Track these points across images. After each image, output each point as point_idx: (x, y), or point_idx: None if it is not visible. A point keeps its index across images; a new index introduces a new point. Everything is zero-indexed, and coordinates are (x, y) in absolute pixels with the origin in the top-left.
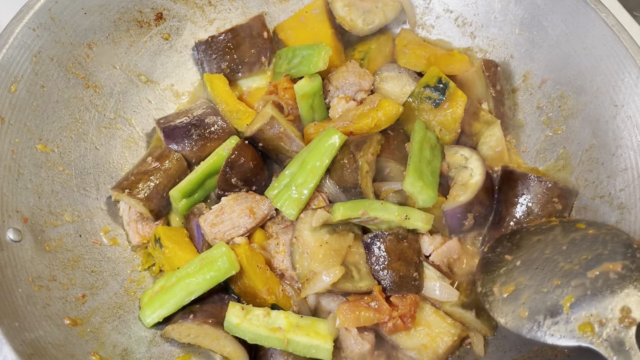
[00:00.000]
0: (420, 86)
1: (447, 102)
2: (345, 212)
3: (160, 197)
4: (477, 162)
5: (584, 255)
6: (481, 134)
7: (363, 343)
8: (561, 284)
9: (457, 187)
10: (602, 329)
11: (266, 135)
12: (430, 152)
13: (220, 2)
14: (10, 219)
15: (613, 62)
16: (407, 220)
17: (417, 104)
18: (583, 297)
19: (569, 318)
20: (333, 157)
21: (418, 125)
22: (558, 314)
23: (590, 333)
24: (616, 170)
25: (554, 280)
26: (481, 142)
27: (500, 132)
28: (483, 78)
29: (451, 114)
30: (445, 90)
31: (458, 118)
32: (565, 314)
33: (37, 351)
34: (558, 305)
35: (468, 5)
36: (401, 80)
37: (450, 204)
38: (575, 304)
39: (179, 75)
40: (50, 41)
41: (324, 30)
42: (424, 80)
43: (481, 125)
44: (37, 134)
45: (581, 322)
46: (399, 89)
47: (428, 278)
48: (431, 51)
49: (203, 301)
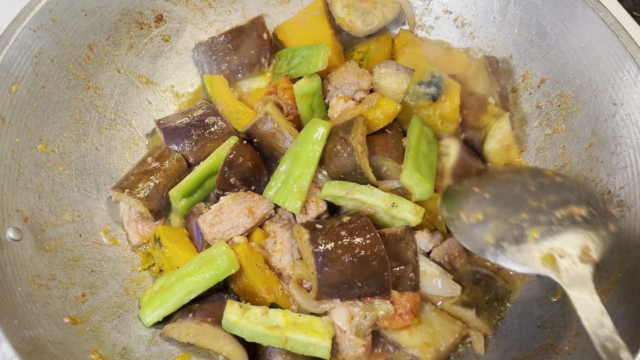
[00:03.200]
0: (413, 84)
1: (444, 94)
2: (329, 189)
3: (160, 197)
4: (454, 147)
5: (552, 198)
6: (490, 126)
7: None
8: (529, 218)
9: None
10: (563, 262)
11: (260, 131)
12: (427, 146)
13: (221, 4)
14: (10, 218)
15: (612, 61)
16: (394, 208)
17: (414, 102)
18: (549, 232)
19: (533, 248)
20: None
21: (415, 120)
22: (523, 243)
23: (552, 265)
24: (616, 168)
25: (522, 214)
26: (489, 135)
27: (508, 125)
28: (487, 74)
29: (450, 105)
30: (440, 83)
31: (456, 107)
32: (530, 244)
33: (37, 349)
34: (524, 234)
35: (467, 6)
36: (399, 77)
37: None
38: (541, 237)
39: (179, 76)
40: (50, 42)
41: (323, 31)
42: (416, 77)
43: (489, 118)
44: (38, 134)
45: (545, 254)
46: (397, 85)
47: (429, 275)
48: (431, 50)
49: (202, 300)
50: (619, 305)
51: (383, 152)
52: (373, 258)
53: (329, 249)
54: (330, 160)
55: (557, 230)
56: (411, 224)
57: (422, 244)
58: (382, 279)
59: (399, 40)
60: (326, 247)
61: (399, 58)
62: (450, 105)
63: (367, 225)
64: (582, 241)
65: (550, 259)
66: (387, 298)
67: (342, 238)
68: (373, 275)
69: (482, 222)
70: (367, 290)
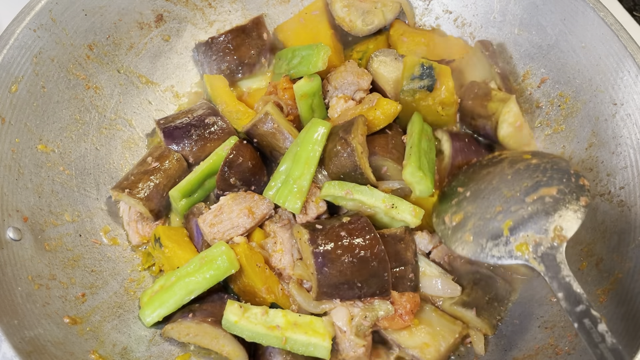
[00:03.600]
0: (406, 80)
1: (438, 81)
2: (329, 190)
3: (160, 197)
4: (446, 144)
5: (525, 183)
6: (499, 112)
7: (358, 347)
8: (502, 210)
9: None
10: (536, 247)
11: (260, 131)
12: (427, 144)
13: (221, 3)
14: (10, 218)
15: (612, 61)
16: (393, 209)
17: (412, 97)
18: (521, 220)
19: (508, 240)
20: (323, 146)
21: (416, 117)
22: (498, 237)
23: (527, 252)
24: (616, 168)
25: (496, 207)
26: (500, 120)
27: (516, 107)
28: (484, 58)
29: (446, 90)
30: (432, 72)
31: (452, 89)
32: (504, 237)
33: (37, 349)
34: (499, 228)
35: (467, 6)
36: (398, 66)
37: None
38: (513, 227)
39: (179, 76)
40: (50, 42)
41: (323, 31)
42: (407, 73)
43: (496, 104)
44: (38, 134)
45: (518, 243)
46: (397, 74)
47: (429, 275)
48: (429, 37)
49: (202, 300)
50: (619, 305)
51: (383, 153)
52: (373, 258)
53: (329, 249)
54: (330, 161)
55: (528, 217)
56: (410, 226)
57: (421, 245)
58: (382, 279)
59: (394, 31)
60: (326, 248)
61: (399, 48)
62: (446, 90)
63: (366, 226)
64: (553, 223)
65: (525, 247)
66: (387, 298)
67: (342, 238)
68: (373, 275)
69: (463, 222)
70: (367, 291)
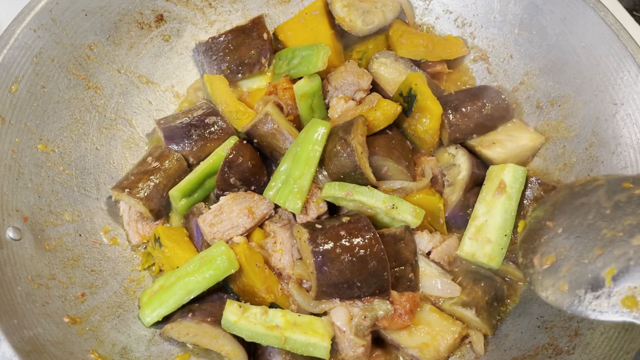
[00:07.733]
0: (397, 92)
1: (418, 113)
2: (329, 190)
3: (160, 197)
4: (463, 158)
5: (628, 220)
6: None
7: (357, 347)
8: (603, 254)
9: (448, 190)
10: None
11: (260, 132)
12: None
13: (221, 4)
14: (10, 218)
15: (612, 61)
16: (394, 209)
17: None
18: (626, 268)
19: (611, 291)
20: (323, 146)
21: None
22: (600, 288)
23: (634, 307)
24: (616, 168)
25: (595, 250)
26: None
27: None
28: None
29: (421, 125)
30: (413, 103)
31: (429, 130)
32: (607, 287)
33: (36, 348)
34: (600, 277)
35: (467, 6)
36: (398, 67)
37: (448, 208)
38: (617, 276)
39: (179, 76)
40: (51, 42)
41: (323, 31)
42: (401, 85)
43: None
44: (38, 134)
45: (624, 296)
46: (397, 75)
47: (429, 275)
48: (428, 38)
49: (202, 300)
50: None
51: (383, 153)
52: (372, 258)
53: (329, 248)
54: (330, 161)
55: (635, 265)
56: (411, 226)
57: (421, 245)
58: (381, 279)
59: (393, 31)
60: (325, 247)
61: (397, 50)
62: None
63: (366, 226)
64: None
65: (633, 302)
66: (386, 298)
67: (341, 238)
68: (372, 275)
69: (555, 266)
70: (367, 290)
